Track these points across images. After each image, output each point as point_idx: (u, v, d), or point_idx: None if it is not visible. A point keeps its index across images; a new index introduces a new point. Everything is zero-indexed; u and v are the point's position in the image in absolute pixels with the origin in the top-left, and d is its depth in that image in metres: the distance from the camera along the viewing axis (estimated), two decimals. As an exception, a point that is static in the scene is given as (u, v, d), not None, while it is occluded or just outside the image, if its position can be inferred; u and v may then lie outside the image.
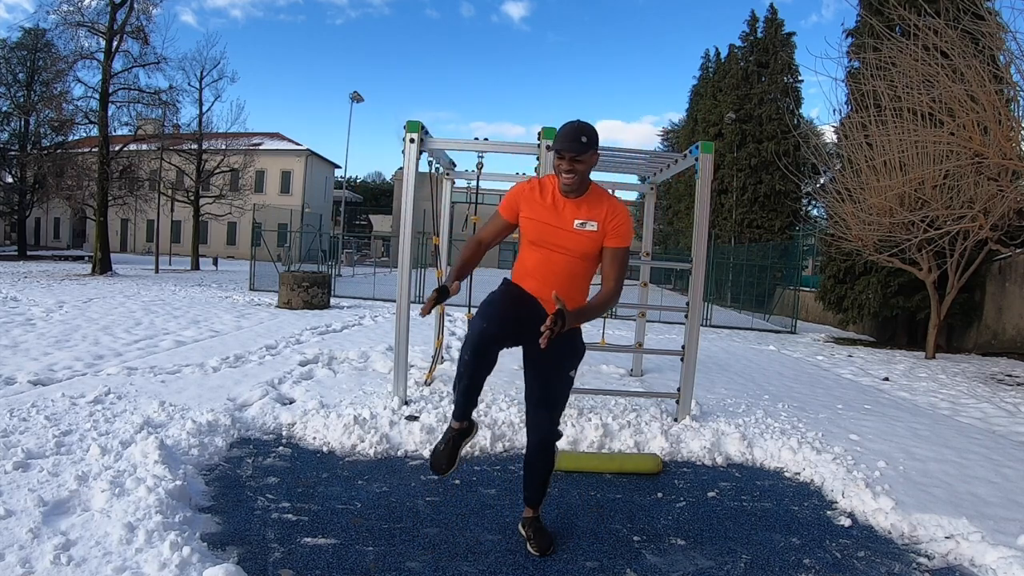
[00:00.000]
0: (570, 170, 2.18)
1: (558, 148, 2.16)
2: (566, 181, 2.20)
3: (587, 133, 2.16)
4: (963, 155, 6.41)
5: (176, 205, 23.08)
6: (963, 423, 4.84)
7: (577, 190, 2.23)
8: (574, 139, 2.15)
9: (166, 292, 12.44)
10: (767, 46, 22.74)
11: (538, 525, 2.47)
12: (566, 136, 2.16)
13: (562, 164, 2.17)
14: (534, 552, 2.38)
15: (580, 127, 2.18)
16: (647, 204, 5.97)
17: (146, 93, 18.06)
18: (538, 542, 2.40)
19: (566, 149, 2.14)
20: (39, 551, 2.02)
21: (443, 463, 2.31)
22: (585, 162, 2.18)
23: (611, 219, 2.25)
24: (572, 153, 2.15)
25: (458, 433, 2.35)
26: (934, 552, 2.53)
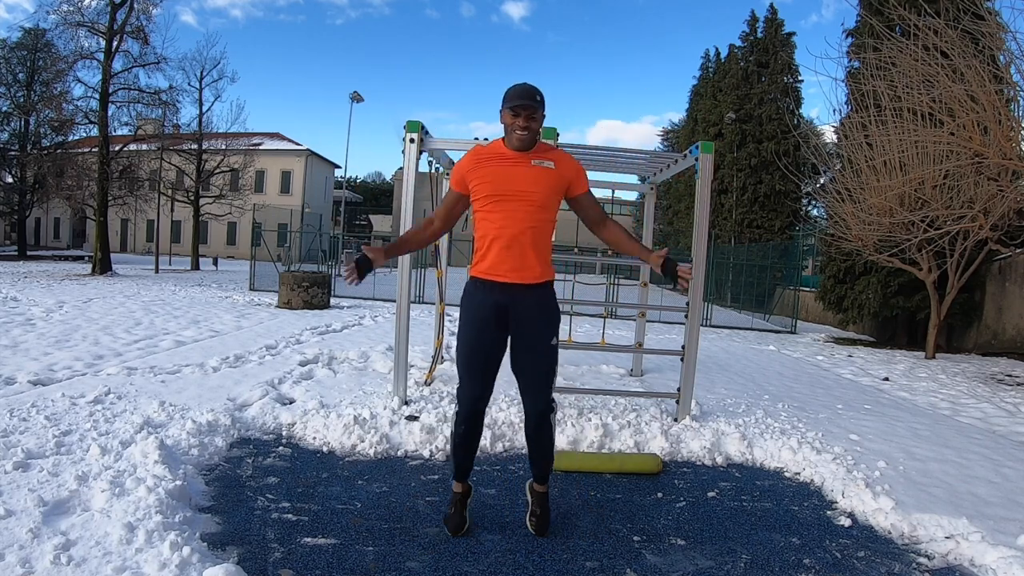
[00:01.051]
0: (525, 127, 2.27)
1: (515, 104, 2.25)
2: (520, 136, 2.28)
3: (539, 93, 2.30)
4: (963, 155, 6.41)
5: (176, 205, 23.08)
6: (963, 423, 4.84)
7: (529, 146, 2.33)
8: (530, 97, 2.26)
9: (166, 292, 12.44)
10: (767, 46, 22.75)
11: (544, 502, 2.53)
12: (522, 93, 2.27)
13: (518, 121, 2.27)
14: (532, 528, 2.48)
15: (533, 87, 2.31)
16: (647, 204, 5.97)
17: (146, 93, 18.07)
18: (540, 521, 2.49)
19: (523, 106, 2.25)
20: (39, 551, 2.02)
21: (457, 525, 2.46)
22: (537, 119, 2.29)
23: (567, 166, 2.39)
24: (529, 110, 2.25)
25: (461, 496, 2.51)
26: (934, 552, 2.53)
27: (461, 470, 2.50)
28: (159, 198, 21.02)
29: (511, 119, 2.28)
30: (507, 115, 2.29)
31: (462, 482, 2.52)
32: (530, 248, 2.32)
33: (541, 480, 2.54)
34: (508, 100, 2.28)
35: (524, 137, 2.28)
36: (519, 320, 2.36)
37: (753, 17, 23.83)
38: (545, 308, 2.39)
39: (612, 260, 5.47)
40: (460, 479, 2.52)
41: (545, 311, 2.39)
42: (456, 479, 2.52)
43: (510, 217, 2.30)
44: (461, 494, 2.51)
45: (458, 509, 2.48)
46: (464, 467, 2.50)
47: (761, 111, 22.23)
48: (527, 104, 2.25)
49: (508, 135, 2.33)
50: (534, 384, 2.40)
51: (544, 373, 2.40)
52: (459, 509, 2.48)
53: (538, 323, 2.37)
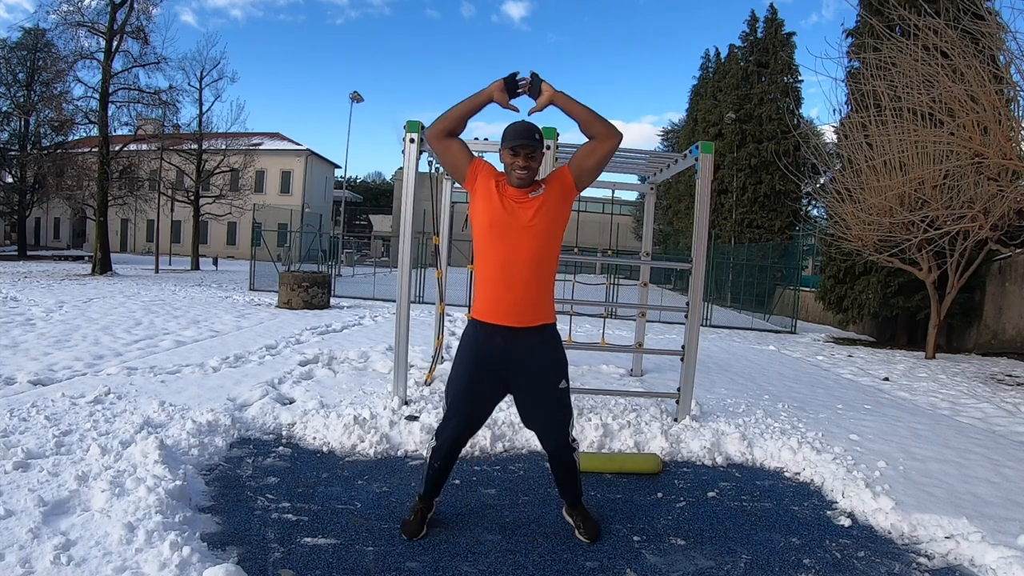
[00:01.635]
0: (525, 167, 2.24)
1: (515, 144, 2.21)
2: (520, 176, 2.25)
3: (538, 131, 2.25)
4: (963, 155, 6.41)
5: (176, 205, 23.07)
6: (963, 423, 4.84)
7: (528, 184, 2.29)
8: (530, 136, 2.22)
9: (166, 292, 12.44)
10: (767, 46, 22.73)
11: (584, 513, 2.54)
12: (522, 133, 2.23)
13: (518, 160, 2.23)
14: (584, 539, 2.47)
15: (532, 125, 2.27)
16: (647, 204, 5.97)
17: (146, 93, 18.06)
18: (587, 529, 2.49)
19: (522, 145, 2.21)
20: (39, 551, 2.02)
21: (413, 530, 2.44)
22: (537, 159, 2.26)
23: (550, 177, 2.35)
24: (528, 149, 2.22)
25: (423, 509, 2.49)
26: (934, 552, 2.53)
27: (429, 490, 2.48)
28: (159, 198, 21.01)
29: (511, 158, 2.24)
30: (507, 154, 2.25)
31: (428, 500, 2.50)
32: (532, 288, 2.27)
33: (574, 503, 2.55)
34: (507, 140, 2.24)
35: (524, 177, 2.25)
36: (523, 369, 2.30)
37: (753, 17, 23.82)
38: (550, 352, 2.34)
39: (612, 260, 5.47)
40: (427, 498, 2.50)
41: (550, 355, 2.34)
42: (423, 496, 2.49)
43: (511, 254, 2.25)
44: (423, 508, 2.49)
45: (417, 518, 2.46)
46: (432, 488, 2.49)
47: (761, 111, 22.22)
48: (526, 144, 2.20)
49: (508, 174, 2.29)
50: (550, 433, 2.37)
51: (557, 420, 2.36)
52: (418, 517, 2.46)
53: (543, 366, 2.32)
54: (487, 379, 2.33)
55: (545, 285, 2.32)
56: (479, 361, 2.32)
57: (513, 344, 2.28)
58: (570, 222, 2.57)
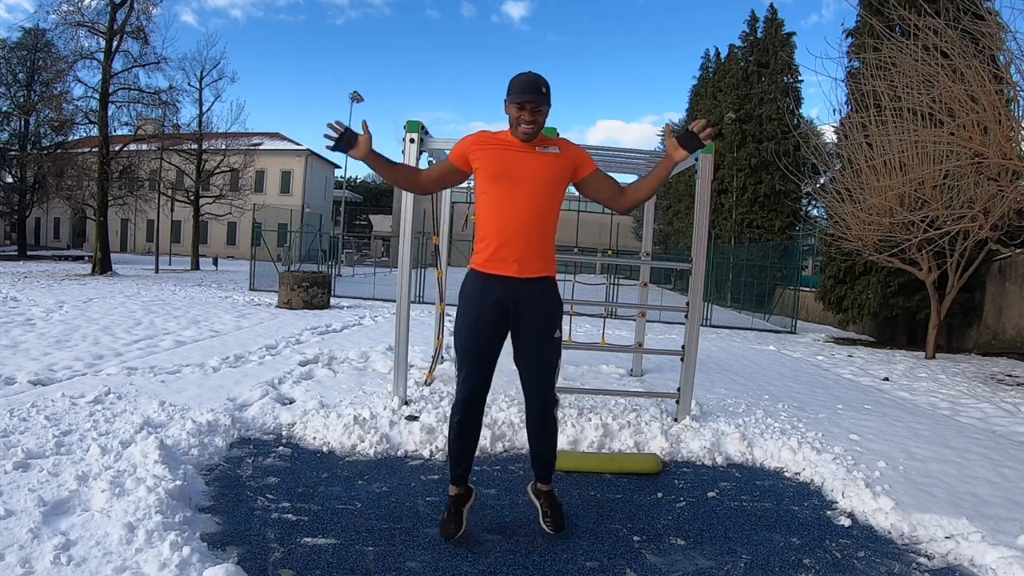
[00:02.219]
0: (532, 120, 2.21)
1: (521, 100, 2.18)
2: (526, 131, 2.22)
3: (545, 84, 2.23)
4: (963, 155, 6.41)
5: (176, 205, 23.07)
6: (963, 423, 4.84)
7: (534, 138, 2.27)
8: (536, 90, 2.19)
9: (166, 292, 12.44)
10: (767, 46, 22.74)
11: (553, 500, 2.48)
12: (529, 87, 2.19)
13: (524, 115, 2.20)
14: (548, 529, 2.42)
15: (539, 78, 2.22)
16: (647, 204, 5.97)
17: (146, 93, 18.08)
18: (554, 519, 2.43)
19: (530, 100, 2.17)
20: (39, 551, 2.02)
21: (451, 528, 2.38)
22: (544, 112, 2.24)
23: (572, 150, 2.34)
24: (535, 103, 2.18)
25: (456, 499, 2.44)
26: (934, 552, 2.53)
27: (457, 470, 2.43)
28: (159, 198, 21.01)
29: (516, 112, 2.22)
30: (512, 108, 2.22)
31: (458, 485, 2.45)
32: (533, 239, 2.27)
33: (545, 479, 2.49)
34: (513, 93, 2.22)
35: (530, 131, 2.23)
36: (521, 315, 2.31)
37: (753, 17, 23.82)
38: (548, 302, 2.34)
39: (612, 260, 5.47)
40: (456, 482, 2.45)
41: (548, 304, 2.34)
42: (452, 482, 2.45)
43: (513, 204, 2.24)
44: (456, 497, 2.44)
45: (452, 513, 2.40)
46: (460, 467, 2.43)
47: (761, 111, 22.22)
48: (533, 98, 2.18)
49: (513, 128, 2.27)
50: (537, 377, 2.35)
51: (547, 366, 2.35)
52: (454, 513, 2.40)
53: (541, 317, 2.32)
54: (489, 323, 2.31)
55: (546, 237, 2.32)
56: (480, 309, 2.31)
57: (513, 292, 2.28)
58: (570, 222, 2.57)
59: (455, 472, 2.44)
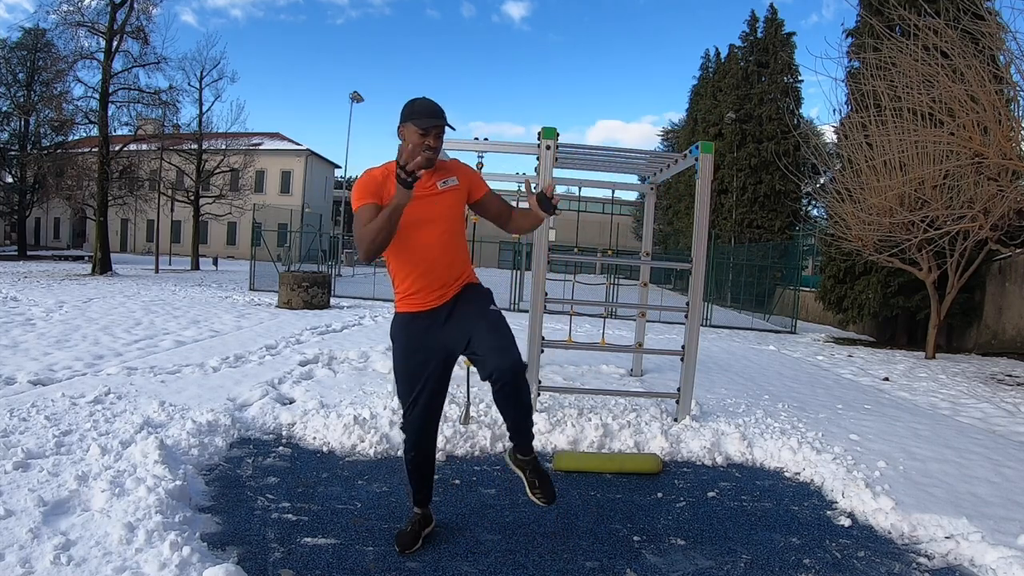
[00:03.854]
0: (434, 147, 2.19)
1: (427, 125, 2.14)
2: (429, 157, 2.16)
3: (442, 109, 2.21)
4: (963, 155, 6.41)
5: (176, 205, 23.07)
6: (963, 423, 4.84)
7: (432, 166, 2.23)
8: (440, 115, 2.17)
9: (166, 292, 12.45)
10: (767, 46, 22.75)
11: (539, 468, 2.30)
12: (434, 111, 2.17)
13: (427, 140, 2.15)
14: (540, 501, 2.26)
15: (437, 104, 2.20)
16: (647, 204, 5.97)
17: (146, 93, 18.06)
18: (543, 489, 2.26)
19: (436, 125, 2.15)
20: (39, 551, 2.02)
21: (407, 543, 2.34)
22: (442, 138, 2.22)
23: (465, 173, 2.33)
24: (439, 129, 2.17)
25: (419, 520, 2.42)
26: (934, 552, 2.53)
27: (418, 496, 2.42)
28: (159, 198, 21.01)
29: (419, 138, 2.13)
30: (413, 133, 2.14)
31: (421, 507, 2.44)
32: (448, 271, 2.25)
33: (526, 449, 2.29)
34: (416, 116, 2.14)
35: (432, 158, 2.18)
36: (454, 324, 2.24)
37: (753, 17, 23.83)
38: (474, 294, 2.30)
39: (612, 260, 5.47)
40: (418, 505, 2.44)
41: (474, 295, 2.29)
42: (414, 504, 2.44)
43: (425, 248, 2.22)
44: (420, 517, 2.43)
45: (413, 528, 2.38)
46: (420, 493, 2.42)
47: (761, 111, 22.23)
48: (438, 123, 2.14)
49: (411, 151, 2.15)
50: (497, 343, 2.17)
51: (502, 331, 2.21)
52: (414, 529, 2.38)
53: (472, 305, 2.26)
54: (426, 350, 2.27)
55: (458, 260, 2.30)
56: (411, 342, 2.27)
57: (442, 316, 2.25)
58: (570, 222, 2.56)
59: (416, 497, 2.43)
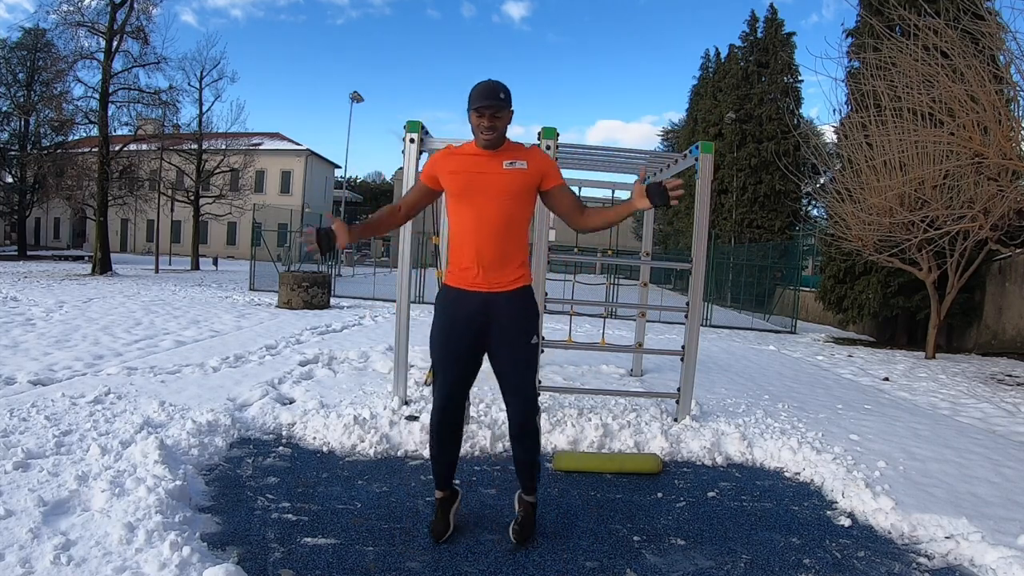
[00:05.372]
0: (491, 126, 2.23)
1: (478, 106, 2.21)
2: (486, 137, 2.24)
3: (504, 90, 2.24)
4: (963, 155, 6.41)
5: (176, 205, 23.07)
6: (963, 423, 4.84)
7: (497, 144, 2.28)
8: (494, 96, 2.21)
9: (166, 292, 12.44)
10: (767, 46, 22.75)
11: (530, 513, 2.46)
12: (485, 93, 2.22)
13: (483, 121, 2.22)
14: (512, 538, 2.40)
15: (497, 84, 2.25)
16: (647, 204, 5.95)
17: (146, 93, 18.07)
18: (521, 530, 2.40)
19: (487, 106, 2.20)
20: (39, 551, 2.02)
21: (440, 529, 2.41)
22: (503, 118, 2.25)
23: (540, 161, 2.34)
24: (492, 109, 2.21)
25: (443, 501, 2.48)
26: (934, 552, 2.53)
27: (438, 477, 2.46)
28: (159, 198, 21.00)
29: (476, 120, 2.23)
30: (472, 116, 2.24)
31: (443, 489, 2.48)
32: (502, 254, 2.27)
33: (528, 490, 2.47)
34: (472, 101, 2.23)
35: (491, 137, 2.24)
36: (495, 326, 2.30)
37: (753, 17, 23.84)
38: (523, 310, 2.33)
39: (612, 260, 5.47)
40: (440, 486, 2.47)
41: (523, 312, 2.33)
42: (436, 486, 2.48)
43: (481, 221, 2.25)
44: (442, 500, 2.47)
45: (440, 515, 2.44)
46: (443, 472, 2.45)
47: (761, 111, 22.23)
48: (490, 104, 2.20)
49: (476, 136, 2.28)
50: (514, 383, 2.32)
51: (525, 373, 2.32)
52: (441, 515, 2.44)
53: (516, 325, 2.31)
54: (465, 337, 2.31)
55: (515, 249, 2.32)
56: (455, 323, 2.32)
57: (488, 307, 2.29)
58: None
59: (438, 480, 2.47)
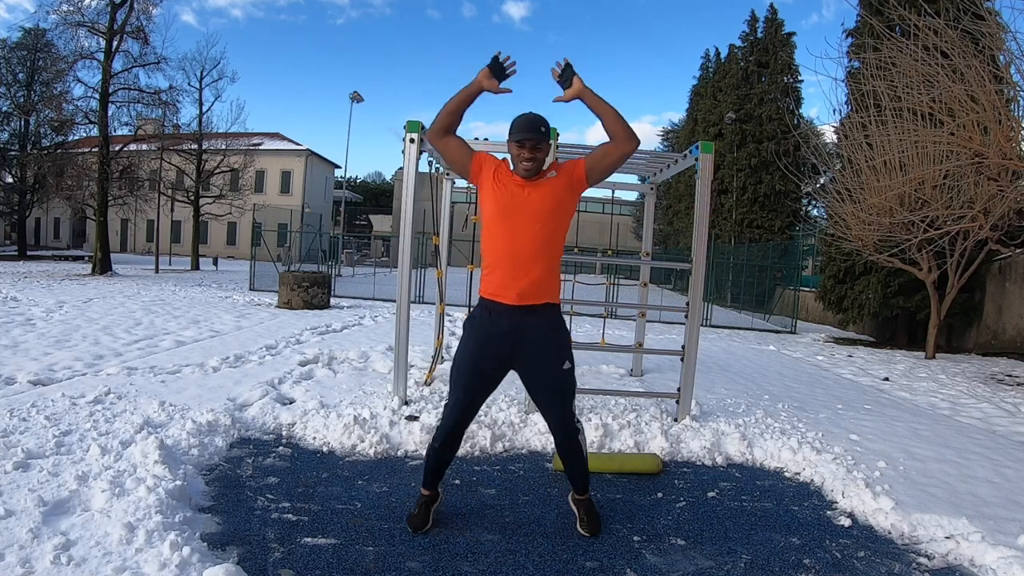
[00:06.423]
0: (531, 158, 2.31)
1: (520, 138, 2.29)
2: (527, 167, 2.32)
3: (544, 124, 2.33)
4: (963, 155, 6.41)
5: (176, 205, 23.06)
6: (963, 423, 4.84)
7: (535, 175, 2.36)
8: (535, 129, 2.30)
9: (166, 292, 12.44)
10: (767, 46, 22.73)
11: (590, 507, 2.59)
12: (527, 127, 2.30)
13: (523, 152, 2.31)
14: (584, 532, 2.51)
15: (538, 118, 2.34)
16: (647, 204, 5.97)
17: (146, 93, 18.05)
18: (589, 523, 2.53)
19: (528, 138, 2.29)
20: (39, 551, 2.02)
21: (419, 523, 2.48)
22: (543, 150, 2.33)
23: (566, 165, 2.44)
24: (533, 142, 2.29)
25: (428, 499, 2.55)
26: (934, 552, 2.53)
27: (428, 478, 2.54)
28: (159, 198, 20.99)
29: (517, 150, 2.32)
30: (513, 147, 2.33)
31: (430, 489, 2.55)
32: (535, 269, 2.33)
33: (580, 491, 2.60)
34: (513, 132, 2.33)
35: (530, 168, 2.32)
36: (526, 346, 2.36)
37: (753, 17, 23.82)
38: (553, 332, 2.40)
39: (612, 260, 5.47)
40: (427, 487, 2.55)
41: (553, 335, 2.40)
42: (423, 486, 2.55)
43: (516, 236, 2.33)
44: (429, 497, 2.54)
45: (422, 510, 2.51)
46: (432, 477, 2.54)
47: (761, 111, 22.21)
48: (531, 137, 2.28)
49: (515, 165, 2.37)
50: (558, 412, 2.44)
51: (560, 397, 2.42)
52: (423, 510, 2.51)
53: (548, 352, 2.38)
54: (491, 356, 2.39)
55: (550, 266, 2.39)
56: (485, 339, 2.38)
57: (518, 323, 2.35)
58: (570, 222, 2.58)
59: (427, 480, 2.56)
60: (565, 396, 2.43)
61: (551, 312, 2.41)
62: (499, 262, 2.35)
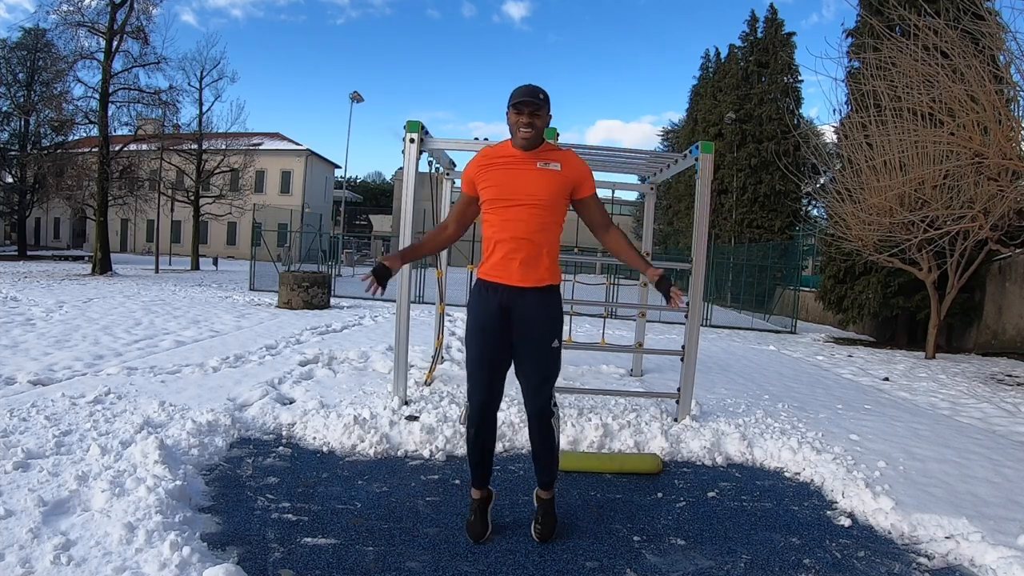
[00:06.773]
0: (529, 124, 2.29)
1: (517, 102, 2.28)
2: (524, 134, 2.31)
3: (543, 92, 2.33)
4: (963, 155, 6.41)
5: (176, 205, 23.07)
6: (963, 423, 4.84)
7: (533, 145, 2.34)
8: (533, 95, 2.29)
9: (166, 292, 12.44)
10: (767, 46, 22.75)
11: (548, 508, 2.51)
12: (525, 91, 2.30)
13: (521, 118, 2.29)
14: (535, 536, 2.44)
15: (537, 87, 2.34)
16: (647, 204, 5.97)
17: (146, 93, 18.06)
18: (543, 528, 2.45)
19: (526, 103, 2.27)
20: (39, 551, 2.02)
21: (478, 531, 2.43)
22: (542, 117, 2.32)
23: (575, 168, 2.40)
24: (532, 107, 2.28)
25: (480, 502, 2.49)
26: (934, 552, 2.53)
27: (475, 476, 2.48)
28: (159, 198, 21.00)
29: (515, 117, 2.30)
30: (511, 114, 2.31)
31: (480, 489, 2.49)
32: (535, 251, 2.33)
33: (544, 486, 2.51)
34: (512, 99, 2.31)
35: (528, 135, 2.29)
36: (519, 322, 2.35)
37: (753, 17, 23.85)
38: (546, 310, 2.38)
39: (612, 260, 5.47)
40: (477, 485, 2.49)
41: (546, 312, 2.38)
42: (473, 485, 2.49)
43: (515, 220, 2.32)
44: (479, 500, 2.48)
45: (478, 516, 2.45)
46: (479, 472, 2.47)
47: (761, 111, 22.23)
48: (529, 101, 2.26)
49: (513, 135, 2.35)
50: (533, 386, 2.39)
51: (542, 375, 2.38)
52: (479, 516, 2.45)
53: (539, 326, 2.36)
54: (494, 331, 2.36)
55: (546, 248, 2.37)
56: (484, 317, 2.37)
57: (513, 300, 2.34)
58: (570, 222, 2.59)
59: (475, 477, 2.49)
60: (548, 373, 2.39)
61: (548, 292, 2.40)
62: (497, 242, 2.34)
